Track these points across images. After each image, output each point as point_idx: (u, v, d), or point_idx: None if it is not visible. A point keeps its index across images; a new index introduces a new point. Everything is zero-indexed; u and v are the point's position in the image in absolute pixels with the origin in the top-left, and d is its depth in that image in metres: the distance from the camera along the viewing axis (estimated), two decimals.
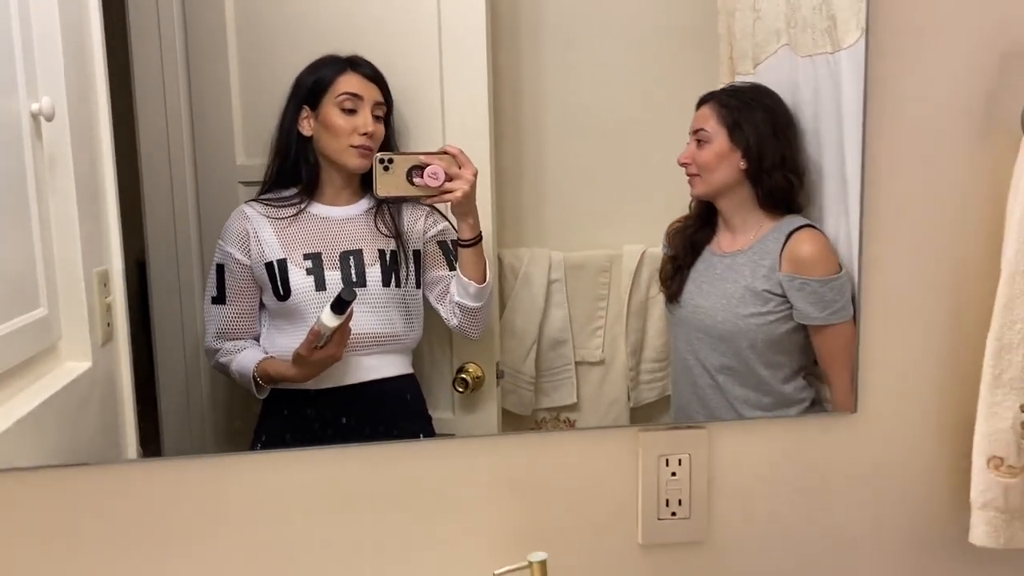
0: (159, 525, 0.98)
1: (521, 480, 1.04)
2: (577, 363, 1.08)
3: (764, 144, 1.02)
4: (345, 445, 1.01)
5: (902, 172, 1.04)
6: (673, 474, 1.05)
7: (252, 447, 1.01)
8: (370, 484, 1.02)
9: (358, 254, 1.00)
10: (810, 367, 1.07)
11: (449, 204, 1.00)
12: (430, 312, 1.04)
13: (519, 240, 1.05)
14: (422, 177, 0.98)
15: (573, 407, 1.08)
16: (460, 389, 1.05)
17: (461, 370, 1.05)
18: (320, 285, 0.99)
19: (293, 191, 0.99)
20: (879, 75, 1.02)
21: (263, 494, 1.00)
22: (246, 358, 1.00)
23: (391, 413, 1.03)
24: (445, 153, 0.98)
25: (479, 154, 1.00)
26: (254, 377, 0.99)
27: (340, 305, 0.96)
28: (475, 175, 0.98)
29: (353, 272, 1.00)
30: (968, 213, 1.06)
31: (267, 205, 0.99)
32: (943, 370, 1.08)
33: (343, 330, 0.97)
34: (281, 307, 0.99)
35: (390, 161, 0.98)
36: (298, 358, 0.98)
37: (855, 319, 1.05)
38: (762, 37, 1.02)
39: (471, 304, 1.01)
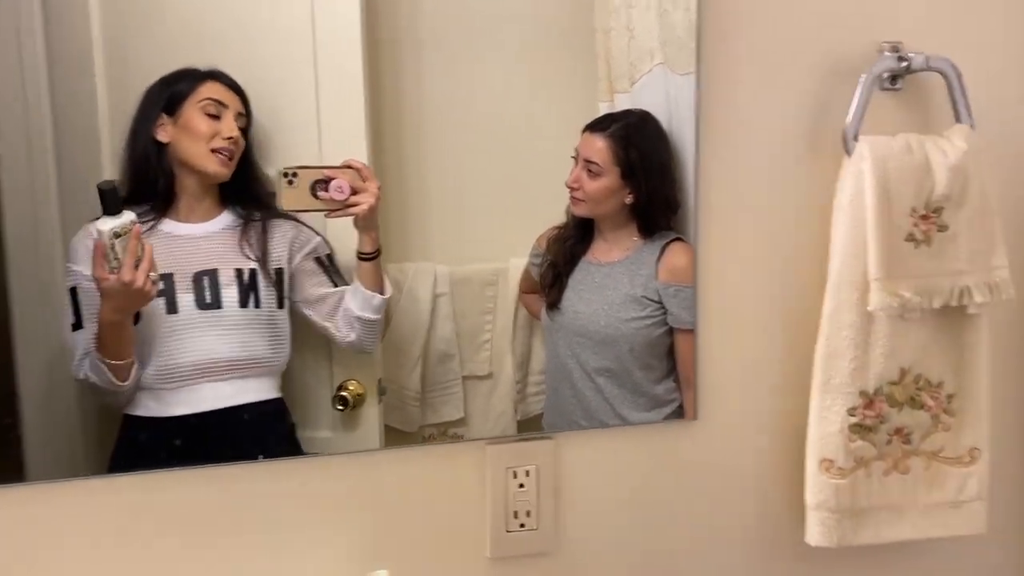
0: (14, 551, 0.94)
1: (367, 498, 1.02)
2: (464, 377, 1.07)
3: (653, 187, 1.06)
4: (184, 468, 0.96)
5: (734, 188, 1.08)
6: (521, 486, 1.06)
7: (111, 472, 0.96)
8: (208, 507, 0.98)
9: (213, 274, 0.96)
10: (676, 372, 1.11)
11: (353, 218, 0.98)
12: (305, 330, 1.01)
13: (404, 255, 1.03)
14: (327, 191, 0.96)
15: (460, 422, 1.07)
16: (340, 407, 1.03)
17: (341, 387, 1.03)
18: (171, 308, 0.95)
19: (143, 207, 0.94)
20: (710, 93, 1.06)
21: (104, 520, 0.96)
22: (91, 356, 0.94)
23: (254, 441, 0.99)
24: (349, 167, 0.97)
25: None
26: (96, 356, 0.92)
27: (105, 200, 0.89)
28: (379, 189, 0.97)
29: (208, 293, 0.96)
30: (798, 227, 1.11)
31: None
32: (778, 377, 1.12)
33: (132, 248, 0.90)
34: (135, 332, 0.95)
35: (294, 175, 0.95)
36: (100, 288, 0.91)
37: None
38: (636, 56, 1.05)
39: (373, 316, 1.00)
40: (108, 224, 0.89)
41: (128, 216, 0.90)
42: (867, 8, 1.09)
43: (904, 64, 1.07)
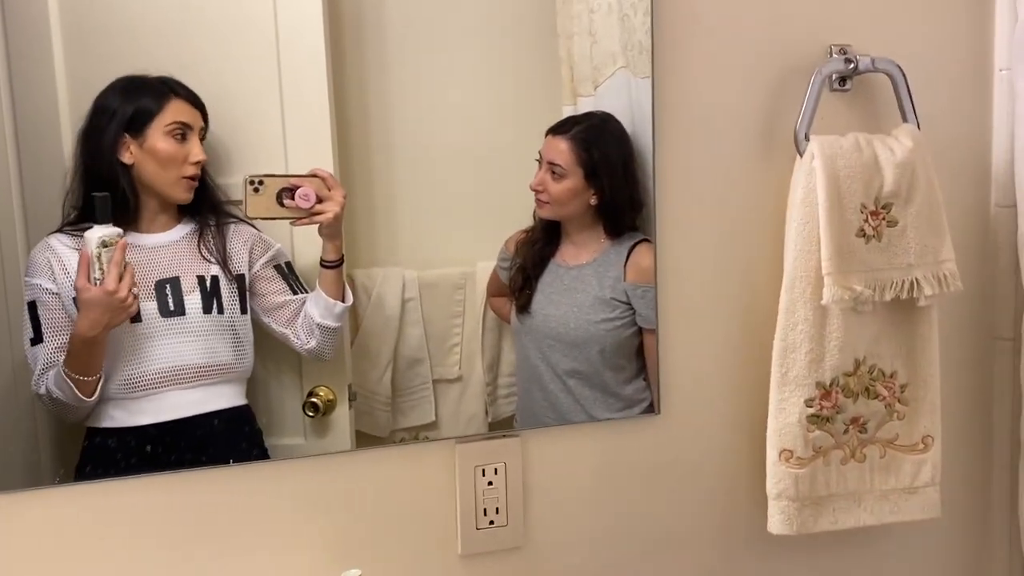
0: None
1: (338, 498, 1.03)
2: (435, 381, 1.07)
3: (616, 187, 1.08)
4: (154, 474, 0.96)
5: (692, 188, 1.11)
6: (490, 483, 1.07)
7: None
8: (180, 512, 0.98)
9: (175, 282, 0.96)
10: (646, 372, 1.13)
11: (317, 227, 0.98)
12: (272, 337, 1.01)
13: (372, 260, 1.04)
14: (293, 199, 0.96)
15: (432, 426, 1.08)
16: (311, 414, 1.03)
17: (311, 394, 1.03)
18: (135, 317, 0.94)
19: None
20: (665, 96, 1.08)
21: (70, 527, 0.95)
22: (56, 369, 0.93)
23: (221, 448, 0.99)
24: (315, 176, 0.98)
25: None
26: (63, 371, 0.92)
27: (97, 208, 0.90)
28: (345, 197, 0.98)
29: (171, 301, 0.96)
30: (755, 225, 1.13)
31: (74, 236, 0.93)
32: (738, 371, 1.15)
33: (118, 260, 0.91)
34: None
35: (260, 183, 0.96)
36: (79, 298, 0.91)
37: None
38: (600, 60, 1.07)
39: (334, 324, 1.00)
40: (97, 232, 0.90)
41: (116, 228, 0.91)
42: (816, 12, 1.13)
43: (852, 66, 1.10)
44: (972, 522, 1.28)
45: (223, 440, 0.99)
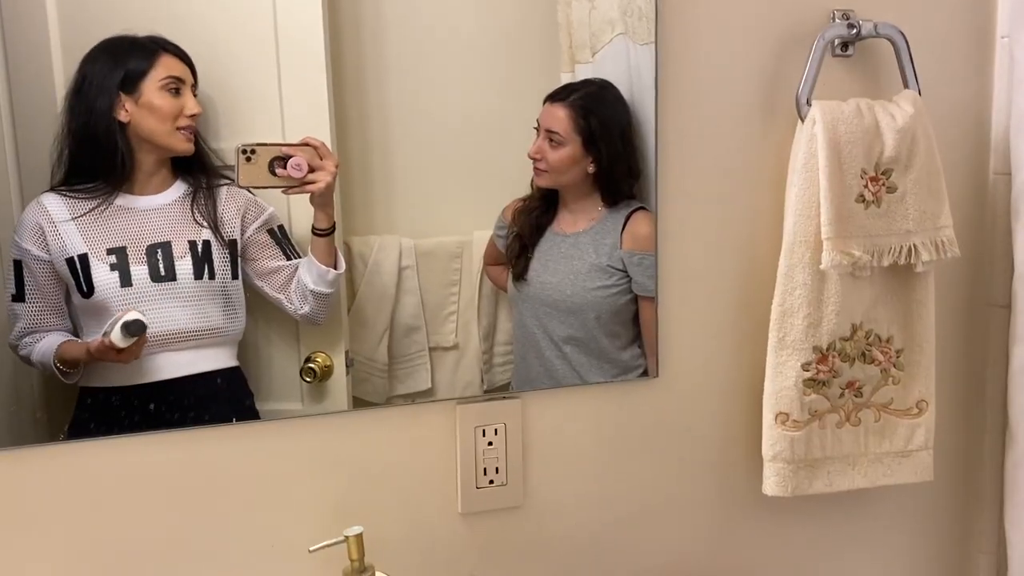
0: None
1: (339, 458, 1.04)
2: (431, 349, 1.08)
3: (615, 155, 1.08)
4: (154, 432, 0.97)
5: (693, 154, 1.11)
6: (490, 443, 1.08)
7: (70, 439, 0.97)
8: (183, 471, 0.99)
9: (166, 247, 0.96)
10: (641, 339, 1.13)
11: (309, 195, 0.98)
12: (269, 302, 1.02)
13: (369, 228, 1.04)
14: (285, 168, 0.96)
15: (428, 392, 1.08)
16: (308, 379, 1.04)
17: (309, 360, 1.04)
18: (126, 281, 0.95)
19: (97, 180, 0.94)
20: (668, 63, 1.08)
21: (71, 485, 0.96)
22: (46, 344, 0.94)
23: (211, 408, 1.00)
24: (307, 145, 0.97)
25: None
26: (55, 363, 0.94)
27: (133, 329, 0.93)
28: (337, 167, 0.98)
29: (161, 266, 0.96)
30: (755, 190, 1.14)
31: (67, 197, 0.93)
32: (735, 335, 1.16)
33: (139, 343, 0.94)
34: (86, 304, 0.95)
35: (252, 152, 0.95)
36: (89, 354, 0.94)
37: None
38: (598, 27, 1.06)
39: (327, 290, 1.01)
40: (123, 343, 0.93)
41: (142, 319, 0.93)
42: None
43: (854, 31, 1.10)
44: (962, 484, 1.30)
45: (214, 401, 1.00)
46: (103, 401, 0.97)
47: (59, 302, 0.95)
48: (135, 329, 0.92)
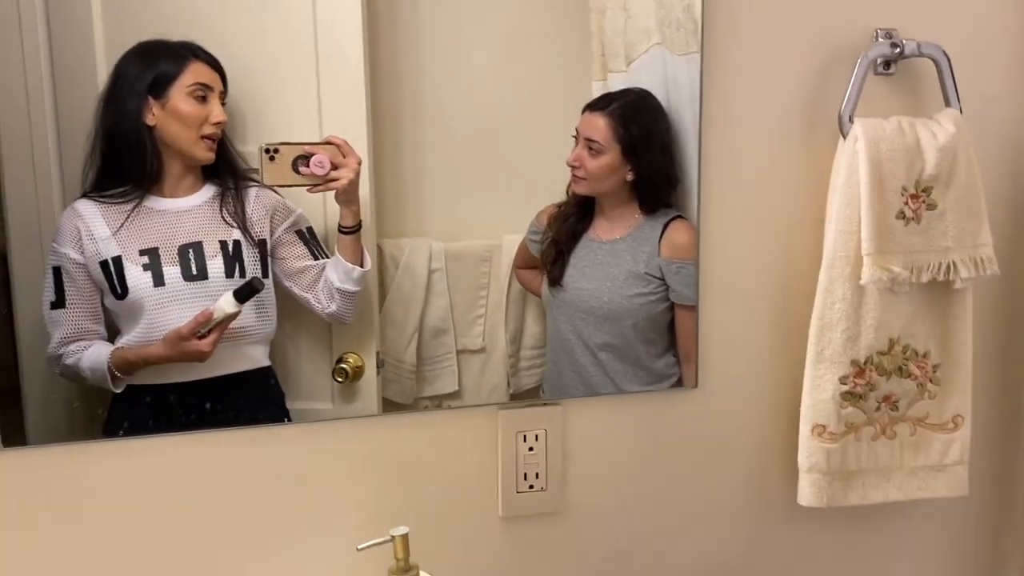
0: (23, 513, 0.96)
1: (385, 460, 1.06)
2: (458, 351, 1.09)
3: (654, 163, 1.08)
4: (207, 431, 1.00)
5: (735, 166, 1.11)
6: (531, 449, 1.09)
7: (109, 435, 0.99)
8: (233, 469, 1.01)
9: (198, 247, 0.97)
10: (676, 347, 1.14)
11: (333, 193, 0.99)
12: (299, 303, 1.03)
13: (400, 230, 1.05)
14: (308, 167, 0.97)
15: (455, 395, 1.09)
16: (340, 379, 1.05)
17: (340, 360, 1.05)
18: (158, 281, 0.96)
19: (128, 184, 0.95)
20: (712, 74, 1.08)
21: (126, 481, 0.99)
22: (95, 351, 0.96)
23: (244, 407, 1.01)
24: (329, 143, 0.98)
25: (357, 144, 0.99)
26: (109, 367, 0.96)
27: (244, 292, 0.94)
28: (360, 164, 0.98)
29: (194, 266, 0.97)
30: (797, 204, 1.14)
31: (100, 202, 0.95)
32: (774, 347, 1.16)
33: (223, 328, 0.95)
34: (120, 306, 0.96)
35: (276, 151, 0.96)
36: (173, 338, 0.95)
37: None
38: (633, 36, 1.06)
39: (353, 288, 1.01)
40: (232, 308, 0.95)
41: (240, 305, 0.96)
42: None
43: (897, 50, 1.09)
44: (995, 499, 1.30)
45: (247, 400, 1.01)
46: (135, 400, 0.98)
47: (97, 306, 0.96)
48: (245, 293, 0.94)
